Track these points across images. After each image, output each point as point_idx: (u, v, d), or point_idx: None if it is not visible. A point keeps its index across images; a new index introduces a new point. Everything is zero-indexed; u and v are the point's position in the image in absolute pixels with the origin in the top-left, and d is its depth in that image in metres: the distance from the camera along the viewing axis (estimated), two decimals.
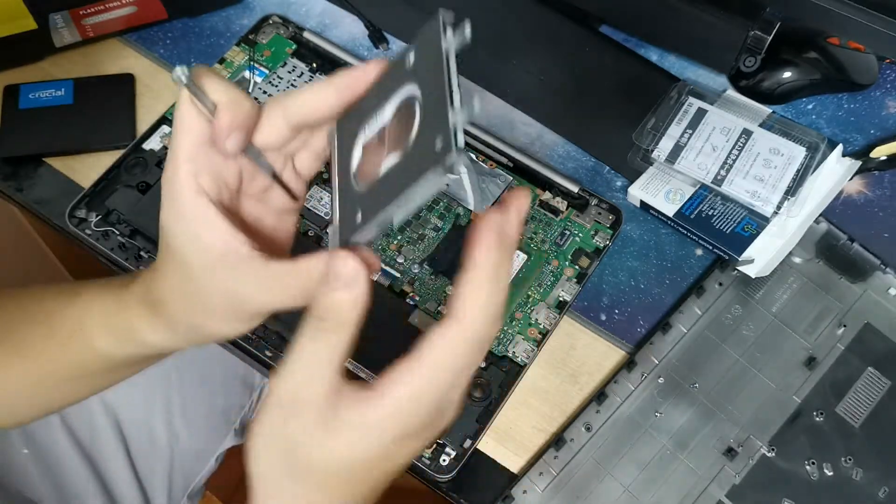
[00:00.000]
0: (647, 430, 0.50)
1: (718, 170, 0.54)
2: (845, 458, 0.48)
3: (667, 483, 0.48)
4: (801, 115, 0.60)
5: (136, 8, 0.62)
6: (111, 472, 0.63)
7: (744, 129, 0.55)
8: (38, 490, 0.61)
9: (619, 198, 0.57)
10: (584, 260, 0.54)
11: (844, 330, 0.52)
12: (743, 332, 0.52)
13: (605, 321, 0.54)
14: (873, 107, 0.60)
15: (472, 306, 0.29)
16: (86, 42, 0.63)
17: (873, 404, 0.50)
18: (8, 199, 0.59)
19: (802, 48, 0.58)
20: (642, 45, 0.63)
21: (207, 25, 0.65)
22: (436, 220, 0.56)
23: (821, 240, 0.54)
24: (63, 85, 0.61)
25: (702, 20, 0.55)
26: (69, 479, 0.61)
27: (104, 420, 0.62)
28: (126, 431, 0.63)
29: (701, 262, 0.55)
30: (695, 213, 0.54)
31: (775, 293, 0.53)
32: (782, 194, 0.52)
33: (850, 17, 0.47)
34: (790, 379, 0.51)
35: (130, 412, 0.64)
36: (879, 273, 0.53)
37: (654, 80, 0.61)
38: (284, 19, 0.64)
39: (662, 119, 0.56)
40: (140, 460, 0.64)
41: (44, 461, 0.61)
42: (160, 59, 0.63)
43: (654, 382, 0.51)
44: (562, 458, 0.49)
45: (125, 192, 0.57)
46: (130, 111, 0.61)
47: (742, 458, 0.49)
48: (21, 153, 0.59)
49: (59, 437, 0.61)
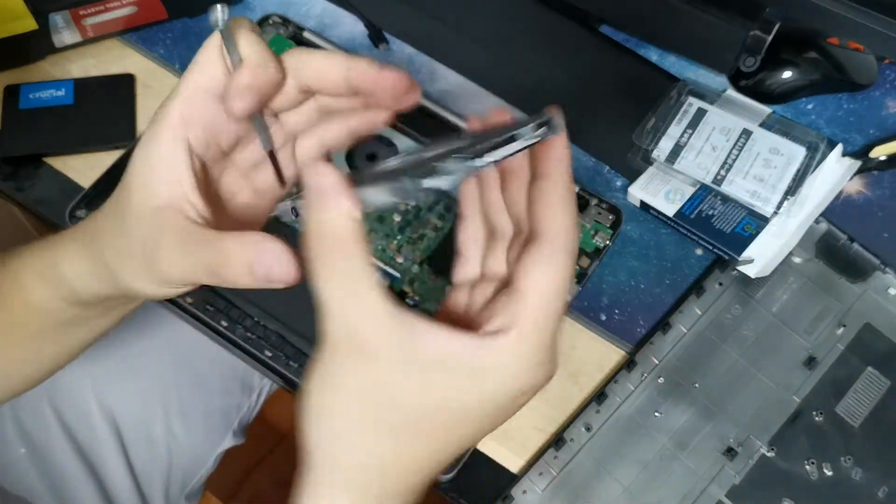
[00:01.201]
0: (646, 430, 0.50)
1: (718, 170, 0.54)
2: (845, 458, 0.48)
3: (667, 483, 0.48)
4: (800, 115, 0.60)
5: (136, 8, 0.62)
6: (108, 472, 0.62)
7: (744, 129, 0.55)
8: (34, 490, 0.60)
9: (619, 198, 0.57)
10: (584, 260, 0.54)
11: (844, 330, 0.52)
12: (743, 332, 0.52)
13: (605, 321, 0.54)
14: (873, 107, 0.60)
15: (558, 220, 0.29)
16: (86, 42, 0.63)
17: (873, 404, 0.50)
18: (8, 199, 0.59)
19: (802, 48, 0.58)
20: (642, 45, 0.63)
21: (207, 25, 0.64)
22: (436, 221, 0.56)
23: (821, 240, 0.55)
24: (63, 85, 0.61)
25: (702, 20, 0.55)
26: (66, 479, 0.61)
27: (102, 420, 0.62)
28: (124, 432, 0.63)
29: (701, 262, 0.55)
30: (695, 213, 0.54)
31: (775, 293, 0.53)
32: (782, 194, 0.52)
33: (850, 17, 0.47)
34: (790, 379, 0.51)
35: (128, 412, 0.63)
36: (879, 273, 0.53)
37: (654, 80, 0.61)
38: (284, 19, 0.64)
39: (662, 119, 0.56)
40: (138, 460, 0.64)
41: (41, 461, 0.61)
42: (160, 59, 0.63)
43: (654, 382, 0.51)
44: (562, 458, 0.49)
45: None
46: (130, 111, 0.61)
47: (742, 457, 0.49)
48: (21, 153, 0.59)
49: (56, 437, 0.61)
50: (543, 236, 0.30)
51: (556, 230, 0.30)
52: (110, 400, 0.63)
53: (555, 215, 0.30)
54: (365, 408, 0.28)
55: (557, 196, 0.30)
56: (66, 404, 0.61)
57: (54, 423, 0.61)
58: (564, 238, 0.29)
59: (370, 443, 0.29)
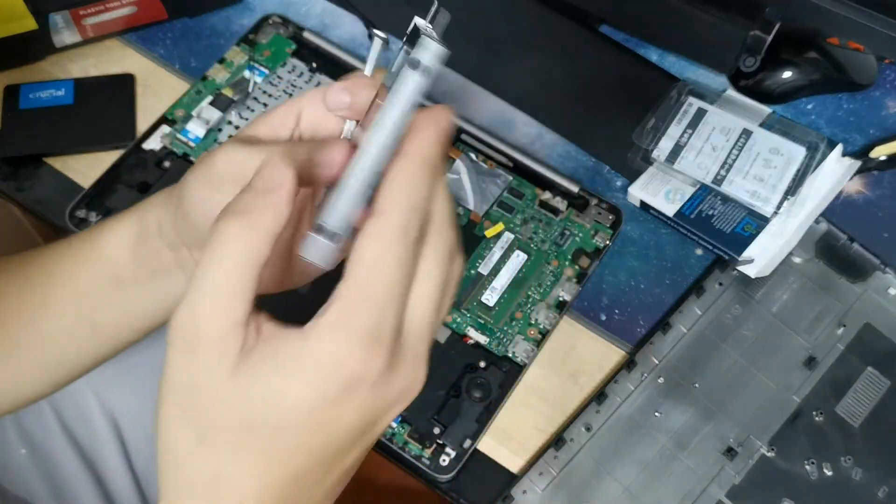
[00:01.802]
0: (646, 430, 0.50)
1: (718, 170, 0.54)
2: (845, 458, 0.48)
3: (667, 483, 0.48)
4: (800, 115, 0.60)
5: (136, 8, 0.62)
6: (109, 472, 0.62)
7: (744, 129, 0.55)
8: (35, 490, 0.60)
9: (619, 198, 0.57)
10: (584, 260, 0.54)
11: (844, 330, 0.52)
12: (743, 332, 0.52)
13: (605, 321, 0.54)
14: (873, 107, 0.60)
15: (395, 195, 0.26)
16: (86, 42, 0.63)
17: (873, 404, 0.50)
18: (8, 199, 0.59)
19: (802, 48, 0.58)
20: (642, 45, 0.63)
21: (207, 25, 0.65)
22: None
23: (821, 240, 0.54)
24: (63, 85, 0.61)
25: (702, 20, 0.55)
26: (66, 479, 0.61)
27: (102, 420, 0.62)
28: (124, 432, 0.63)
29: (701, 262, 0.55)
30: (695, 212, 0.54)
31: (775, 293, 0.53)
32: (782, 194, 0.52)
33: (850, 17, 0.47)
34: (790, 379, 0.51)
35: (129, 412, 0.63)
36: (879, 273, 0.53)
37: (654, 80, 0.61)
38: (284, 19, 0.64)
39: (662, 119, 0.56)
40: (138, 461, 0.64)
41: (41, 461, 0.61)
42: (160, 59, 0.63)
43: (654, 382, 0.51)
44: (562, 458, 0.49)
45: (125, 192, 0.57)
46: (130, 111, 0.61)
47: (742, 457, 0.49)
48: (21, 153, 0.59)
49: (56, 437, 0.61)
50: (376, 212, 0.27)
51: (392, 206, 0.26)
52: (111, 400, 0.63)
53: (392, 191, 0.27)
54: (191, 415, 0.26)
55: (401, 169, 0.27)
56: (67, 405, 0.61)
57: (55, 423, 0.61)
58: (399, 215, 0.26)
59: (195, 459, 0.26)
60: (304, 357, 0.25)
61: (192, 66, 0.63)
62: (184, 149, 0.58)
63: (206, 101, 0.60)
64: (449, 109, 0.29)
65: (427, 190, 0.27)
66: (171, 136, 0.59)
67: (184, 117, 0.59)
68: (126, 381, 0.64)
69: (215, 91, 0.60)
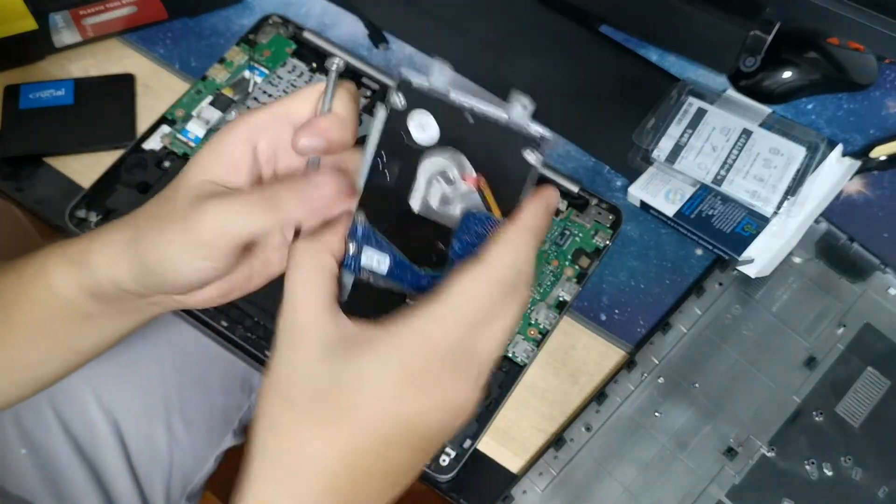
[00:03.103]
0: (646, 430, 0.50)
1: (718, 170, 0.54)
2: (845, 458, 0.48)
3: (667, 483, 0.48)
4: (800, 115, 0.60)
5: (136, 8, 0.62)
6: (109, 473, 0.62)
7: (744, 129, 0.55)
8: (35, 491, 0.60)
9: (619, 198, 0.57)
10: (584, 260, 0.54)
11: (844, 330, 0.52)
12: (743, 332, 0.52)
13: (605, 321, 0.54)
14: (873, 107, 0.60)
15: (500, 251, 0.31)
16: (86, 42, 0.63)
17: (873, 404, 0.50)
18: (8, 199, 0.59)
19: (802, 48, 0.58)
20: (642, 45, 0.63)
21: (207, 25, 0.65)
22: None
23: (821, 240, 0.55)
24: (63, 85, 0.61)
25: (702, 20, 0.55)
26: (67, 480, 0.61)
27: (102, 421, 0.62)
28: (124, 433, 0.63)
29: (701, 262, 0.55)
30: (695, 213, 0.54)
31: (775, 293, 0.53)
32: (782, 194, 0.52)
33: (850, 17, 0.47)
34: (790, 379, 0.51)
35: (129, 413, 0.63)
36: (879, 273, 0.53)
37: (654, 80, 0.61)
38: (284, 19, 0.64)
39: (662, 119, 0.56)
40: (138, 461, 0.64)
41: (42, 462, 0.61)
42: (160, 59, 0.63)
43: (654, 382, 0.51)
44: (562, 458, 0.49)
45: (125, 192, 0.57)
46: (130, 111, 0.61)
47: (742, 457, 0.49)
48: (21, 153, 0.59)
49: (57, 438, 0.61)
50: (481, 259, 0.31)
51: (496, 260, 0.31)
52: (111, 400, 0.63)
53: (500, 246, 0.31)
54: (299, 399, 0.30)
55: (511, 231, 0.31)
56: (67, 405, 0.61)
57: (55, 423, 0.61)
58: (500, 270, 0.31)
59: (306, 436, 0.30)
60: (389, 353, 0.30)
61: (192, 66, 0.63)
62: (184, 149, 0.58)
63: (206, 101, 0.60)
64: (556, 191, 0.33)
65: (528, 254, 0.31)
66: (171, 136, 0.59)
67: (184, 117, 0.59)
68: (125, 380, 0.64)
69: (215, 91, 0.60)
